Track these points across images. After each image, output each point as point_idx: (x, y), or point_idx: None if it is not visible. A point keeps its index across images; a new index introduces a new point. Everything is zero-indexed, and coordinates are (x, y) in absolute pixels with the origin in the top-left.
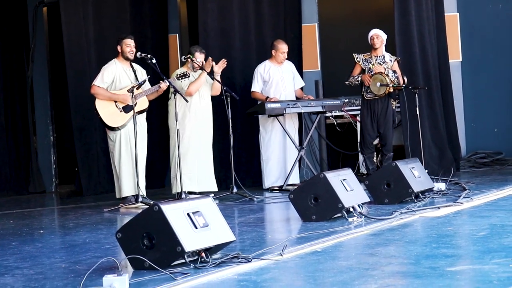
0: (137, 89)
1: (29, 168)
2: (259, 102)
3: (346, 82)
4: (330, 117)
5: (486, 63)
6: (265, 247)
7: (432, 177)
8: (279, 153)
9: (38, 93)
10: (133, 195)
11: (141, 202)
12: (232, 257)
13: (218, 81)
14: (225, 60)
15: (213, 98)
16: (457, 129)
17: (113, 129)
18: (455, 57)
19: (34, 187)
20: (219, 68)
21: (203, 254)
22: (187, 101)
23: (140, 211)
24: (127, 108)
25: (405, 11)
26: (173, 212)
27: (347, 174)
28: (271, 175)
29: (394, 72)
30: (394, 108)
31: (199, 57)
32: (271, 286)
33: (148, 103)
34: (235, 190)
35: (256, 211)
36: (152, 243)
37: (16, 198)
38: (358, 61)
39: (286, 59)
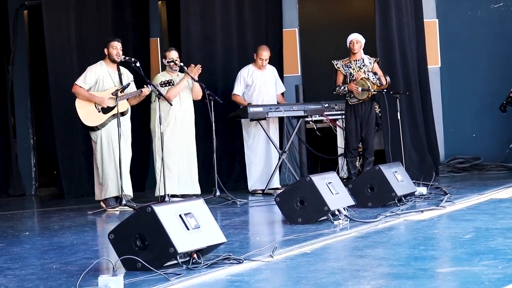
0: (120, 92)
1: (9, 171)
2: (241, 106)
3: (334, 92)
4: (310, 122)
5: (464, 69)
6: (253, 249)
7: (413, 181)
8: (263, 156)
9: (18, 96)
10: (113, 197)
11: (125, 205)
12: (224, 258)
13: (200, 84)
14: (200, 66)
15: (196, 101)
16: (436, 135)
17: (92, 129)
18: (434, 63)
19: (14, 190)
20: (194, 74)
21: (195, 255)
22: (171, 104)
23: (123, 213)
24: (105, 109)
25: (386, 17)
26: (165, 213)
27: (332, 177)
28: (255, 179)
29: (375, 73)
30: (377, 112)
31: (174, 55)
32: (264, 287)
33: (128, 105)
34: (218, 193)
35: (240, 214)
36: (144, 244)
37: None
38: (338, 68)
39: (269, 63)
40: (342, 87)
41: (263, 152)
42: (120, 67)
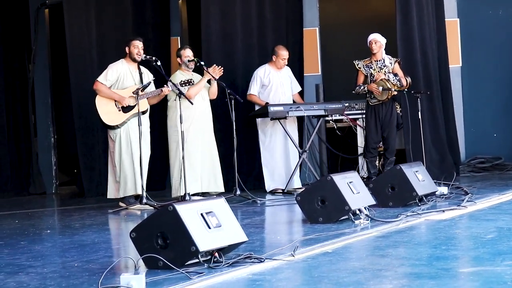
0: (141, 91)
1: (29, 169)
2: (256, 105)
3: (353, 92)
4: (330, 121)
5: (485, 68)
6: (275, 248)
7: (434, 181)
8: (281, 156)
9: (39, 94)
10: (132, 195)
11: (145, 203)
12: (245, 257)
13: (220, 82)
14: (221, 68)
15: (215, 100)
16: (457, 134)
17: (111, 127)
18: (455, 62)
19: (35, 188)
20: (215, 75)
21: (216, 254)
22: (192, 103)
23: (143, 212)
24: (125, 108)
25: (407, 17)
26: (187, 212)
27: (353, 177)
28: (274, 178)
29: (396, 75)
30: (398, 112)
31: (189, 53)
32: (286, 286)
33: (147, 105)
34: (238, 192)
35: (260, 213)
36: (166, 243)
37: (17, 199)
38: (360, 68)
39: (288, 62)
40: (362, 87)
41: (281, 151)
42: (141, 66)
